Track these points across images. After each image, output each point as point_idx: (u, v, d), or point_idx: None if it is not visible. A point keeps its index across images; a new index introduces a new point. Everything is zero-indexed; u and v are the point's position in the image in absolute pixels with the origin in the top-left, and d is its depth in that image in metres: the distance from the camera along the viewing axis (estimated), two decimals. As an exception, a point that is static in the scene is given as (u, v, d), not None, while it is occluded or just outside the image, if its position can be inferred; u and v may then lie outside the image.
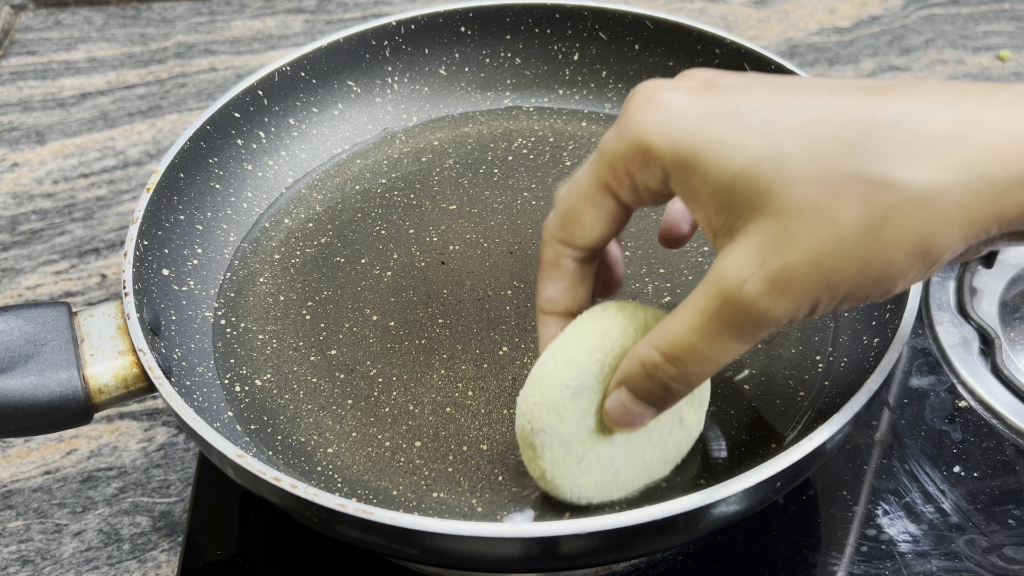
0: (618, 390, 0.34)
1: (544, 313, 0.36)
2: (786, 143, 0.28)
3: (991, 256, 0.54)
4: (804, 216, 0.28)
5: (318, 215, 0.53)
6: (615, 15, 0.59)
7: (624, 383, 0.33)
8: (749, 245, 0.29)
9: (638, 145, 0.30)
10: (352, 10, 0.85)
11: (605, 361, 0.34)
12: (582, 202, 0.33)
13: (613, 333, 0.34)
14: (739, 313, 0.29)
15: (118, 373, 0.40)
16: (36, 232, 0.65)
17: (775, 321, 0.29)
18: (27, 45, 0.82)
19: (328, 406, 0.44)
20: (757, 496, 0.35)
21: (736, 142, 0.29)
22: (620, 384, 0.34)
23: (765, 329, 0.30)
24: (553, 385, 0.34)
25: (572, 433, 0.35)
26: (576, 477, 0.36)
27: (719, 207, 0.30)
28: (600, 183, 0.32)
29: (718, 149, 0.29)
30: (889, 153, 0.27)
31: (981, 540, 0.44)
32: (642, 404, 0.33)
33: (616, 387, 0.34)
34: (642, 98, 0.31)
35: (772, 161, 0.28)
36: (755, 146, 0.28)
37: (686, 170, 0.30)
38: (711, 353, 0.31)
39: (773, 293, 0.29)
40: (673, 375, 0.32)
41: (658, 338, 0.32)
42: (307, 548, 0.45)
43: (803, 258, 0.28)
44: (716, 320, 0.30)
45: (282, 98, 0.56)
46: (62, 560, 0.47)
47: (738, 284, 0.29)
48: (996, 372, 0.50)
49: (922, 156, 0.27)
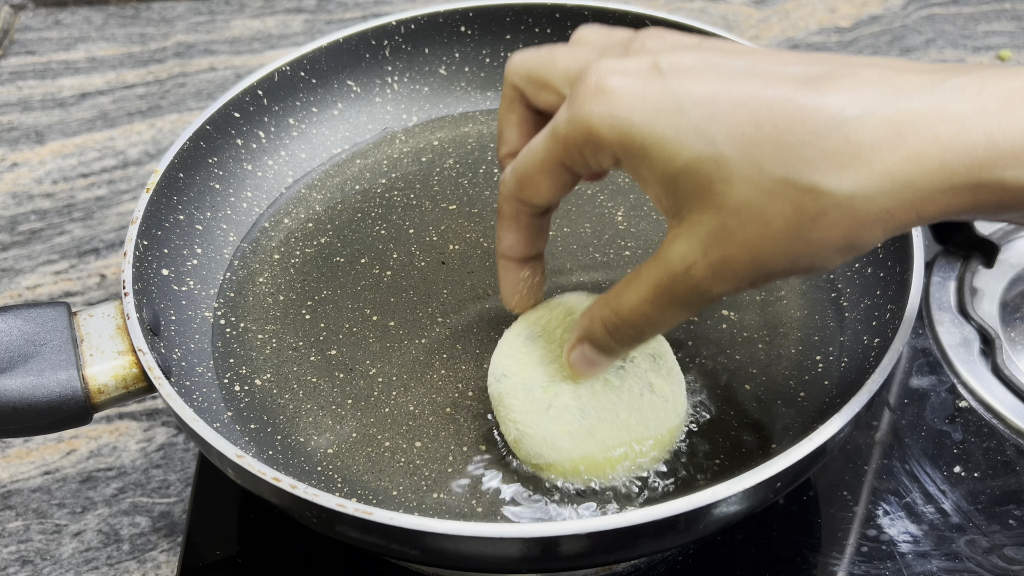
0: (580, 345, 0.38)
1: (505, 259, 0.41)
2: (725, 145, 0.30)
3: (992, 256, 0.54)
4: (740, 215, 0.31)
5: (318, 215, 0.53)
6: (615, 15, 0.59)
7: (586, 339, 0.38)
8: (693, 235, 0.32)
9: (588, 134, 0.33)
10: (352, 10, 0.85)
11: (551, 316, 0.41)
12: (539, 172, 0.36)
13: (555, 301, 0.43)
14: (685, 291, 0.33)
15: (118, 373, 0.40)
16: (36, 232, 0.65)
17: (716, 297, 0.33)
18: (27, 45, 0.82)
19: (328, 406, 0.44)
20: (757, 496, 0.35)
21: (679, 140, 0.31)
22: (582, 340, 0.38)
23: (708, 303, 0.34)
24: (509, 336, 0.41)
25: (532, 377, 0.40)
26: (547, 425, 0.39)
27: (666, 194, 0.32)
28: (556, 160, 0.35)
29: (662, 145, 0.31)
30: (818, 161, 0.29)
31: (982, 540, 0.44)
32: (602, 354, 0.38)
33: (578, 343, 0.38)
34: (591, 84, 0.33)
35: (712, 161, 0.31)
36: (697, 145, 0.31)
37: (635, 160, 0.32)
38: (661, 318, 0.35)
39: (714, 277, 0.32)
40: (629, 333, 0.36)
41: (616, 303, 0.36)
42: (307, 548, 0.45)
43: (739, 251, 0.31)
44: (666, 295, 0.34)
45: (282, 98, 0.56)
46: (62, 560, 0.47)
47: (684, 269, 0.32)
48: (997, 372, 0.50)
49: (849, 165, 0.29)
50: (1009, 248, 0.55)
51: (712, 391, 0.43)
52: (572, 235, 0.52)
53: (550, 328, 0.41)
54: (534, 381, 0.40)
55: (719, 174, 0.31)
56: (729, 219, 0.31)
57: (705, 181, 0.31)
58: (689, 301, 0.33)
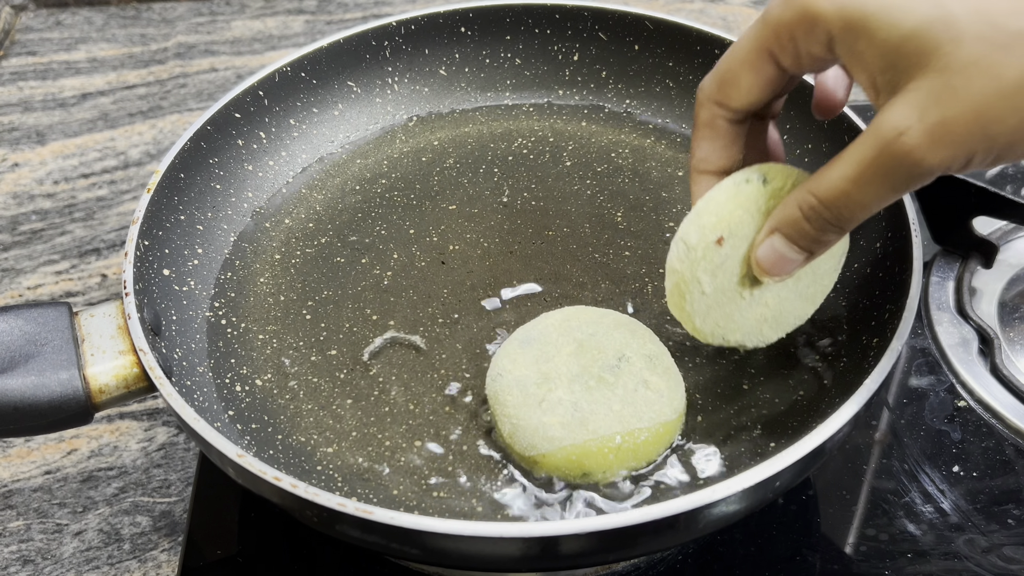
0: (771, 236, 0.36)
1: (697, 172, 0.39)
2: (954, 4, 0.30)
3: (990, 256, 0.54)
4: (968, 72, 0.29)
5: (318, 215, 0.53)
6: (615, 15, 0.59)
7: (778, 228, 0.35)
8: (911, 100, 0.30)
9: (804, 12, 0.32)
10: (352, 11, 0.85)
11: (548, 322, 0.43)
12: (742, 65, 0.35)
13: (554, 311, 0.44)
14: (894, 162, 0.31)
15: (119, 373, 0.40)
16: (37, 232, 0.65)
17: (928, 171, 0.31)
18: (27, 45, 0.82)
19: (328, 406, 0.44)
20: (757, 496, 0.35)
21: (905, 5, 0.30)
22: (774, 230, 0.36)
23: (918, 179, 0.31)
24: (506, 342, 0.43)
25: (526, 375, 0.41)
26: (539, 417, 0.39)
27: (885, 67, 0.31)
28: (762, 48, 0.34)
29: (887, 12, 0.30)
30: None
31: (980, 540, 0.44)
32: (794, 249, 0.35)
33: (769, 234, 0.36)
34: None
35: (940, 22, 0.30)
36: (923, 8, 0.30)
37: (853, 33, 0.31)
38: (864, 199, 0.32)
39: (930, 144, 0.30)
40: (828, 218, 0.34)
41: (814, 185, 0.33)
42: (307, 548, 0.45)
43: (963, 110, 0.30)
44: (872, 168, 0.31)
45: (282, 98, 0.56)
46: (62, 560, 0.47)
47: (896, 135, 0.30)
48: (995, 372, 0.50)
49: None
50: (1008, 248, 0.55)
51: (711, 391, 0.43)
52: (572, 235, 0.52)
53: (546, 333, 0.42)
54: (528, 379, 0.41)
55: (948, 34, 0.30)
56: (955, 77, 0.30)
57: (932, 44, 0.30)
58: (896, 174, 0.31)
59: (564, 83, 0.61)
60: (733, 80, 0.35)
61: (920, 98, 0.30)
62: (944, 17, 0.30)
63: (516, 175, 0.56)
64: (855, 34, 0.31)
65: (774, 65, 0.34)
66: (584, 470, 0.39)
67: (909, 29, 0.30)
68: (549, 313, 0.44)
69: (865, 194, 0.32)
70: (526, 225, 0.52)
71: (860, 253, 0.48)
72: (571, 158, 0.57)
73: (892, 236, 0.45)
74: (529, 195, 0.54)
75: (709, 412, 0.43)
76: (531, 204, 0.54)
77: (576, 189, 0.55)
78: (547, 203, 0.54)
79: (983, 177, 0.61)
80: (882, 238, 0.46)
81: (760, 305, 0.40)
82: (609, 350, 0.41)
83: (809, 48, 0.33)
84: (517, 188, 0.55)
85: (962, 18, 0.30)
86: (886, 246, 0.46)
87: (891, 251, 0.45)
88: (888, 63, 0.31)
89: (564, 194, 0.54)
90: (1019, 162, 0.33)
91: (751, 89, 0.35)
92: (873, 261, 0.46)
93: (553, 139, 0.58)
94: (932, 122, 0.30)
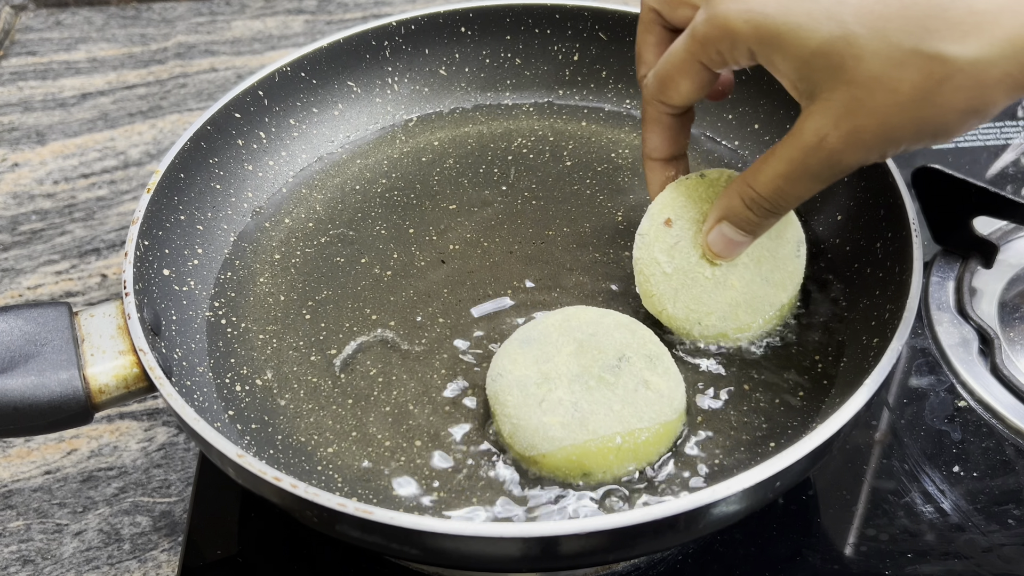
0: (719, 224, 0.42)
1: (650, 160, 0.45)
2: (854, 24, 0.33)
3: (990, 256, 0.54)
4: (871, 86, 0.33)
5: (318, 215, 0.53)
6: (615, 15, 0.59)
7: (725, 217, 0.41)
8: (825, 109, 0.35)
9: (724, 29, 0.36)
10: (352, 10, 0.85)
11: (547, 323, 0.43)
12: (678, 72, 0.40)
13: (553, 311, 0.45)
14: (818, 162, 0.36)
15: (119, 373, 0.40)
16: (36, 232, 0.65)
17: (848, 167, 0.36)
18: (27, 45, 0.82)
19: (328, 406, 0.44)
20: (757, 496, 0.35)
21: (811, 25, 0.34)
22: (721, 219, 0.42)
23: (840, 174, 0.37)
24: (506, 342, 0.43)
25: (526, 375, 0.41)
26: (539, 416, 0.40)
27: (800, 77, 0.36)
28: (693, 59, 0.39)
29: (794, 32, 0.34)
30: (944, 30, 0.32)
31: (980, 540, 0.44)
32: (740, 233, 0.41)
33: (716, 222, 0.42)
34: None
35: (842, 40, 0.33)
36: (828, 27, 0.34)
37: (769, 48, 0.36)
38: (795, 191, 0.38)
39: (846, 147, 0.35)
40: (767, 207, 0.40)
41: (752, 179, 0.39)
42: (307, 548, 0.45)
43: (869, 120, 0.34)
44: (800, 167, 0.37)
45: (282, 98, 0.56)
46: (62, 560, 0.47)
47: (817, 141, 0.35)
48: (995, 372, 0.50)
49: (972, 33, 0.32)
50: (1008, 248, 0.55)
51: (711, 391, 0.43)
52: (572, 235, 0.52)
53: (546, 333, 0.42)
54: (528, 379, 0.41)
55: (850, 51, 0.33)
56: (859, 91, 0.34)
57: (837, 60, 0.34)
58: (821, 172, 0.37)
59: (564, 83, 0.61)
60: (672, 83, 0.41)
61: (833, 108, 0.35)
62: (845, 36, 0.33)
63: (516, 175, 0.56)
64: (771, 48, 0.35)
65: (706, 71, 0.39)
66: (584, 470, 0.39)
67: (815, 46, 0.34)
68: (549, 313, 0.44)
69: (796, 187, 0.38)
70: (526, 225, 0.52)
71: (860, 253, 0.48)
72: (571, 158, 0.57)
73: (892, 236, 0.45)
74: (529, 195, 0.54)
75: (709, 412, 0.43)
76: (531, 204, 0.54)
77: (576, 189, 0.55)
78: (547, 203, 0.54)
79: (983, 177, 0.61)
80: (882, 238, 0.46)
81: (727, 288, 0.44)
82: (609, 350, 0.41)
83: (734, 57, 0.37)
84: (517, 188, 0.55)
85: (862, 36, 0.33)
86: (886, 246, 0.46)
87: (891, 251, 0.45)
88: (802, 75, 0.35)
89: (564, 194, 0.54)
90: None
91: (689, 91, 0.40)
92: (873, 261, 0.46)
93: (553, 139, 0.58)
94: (846, 130, 0.35)
